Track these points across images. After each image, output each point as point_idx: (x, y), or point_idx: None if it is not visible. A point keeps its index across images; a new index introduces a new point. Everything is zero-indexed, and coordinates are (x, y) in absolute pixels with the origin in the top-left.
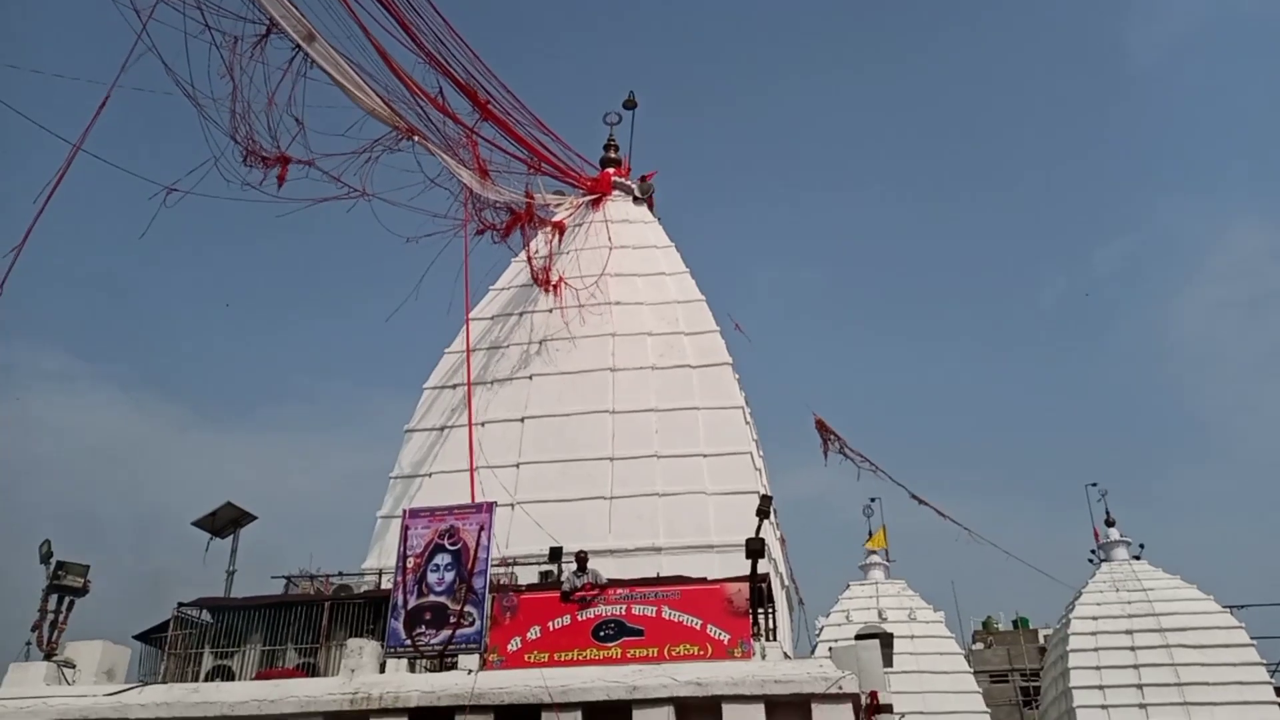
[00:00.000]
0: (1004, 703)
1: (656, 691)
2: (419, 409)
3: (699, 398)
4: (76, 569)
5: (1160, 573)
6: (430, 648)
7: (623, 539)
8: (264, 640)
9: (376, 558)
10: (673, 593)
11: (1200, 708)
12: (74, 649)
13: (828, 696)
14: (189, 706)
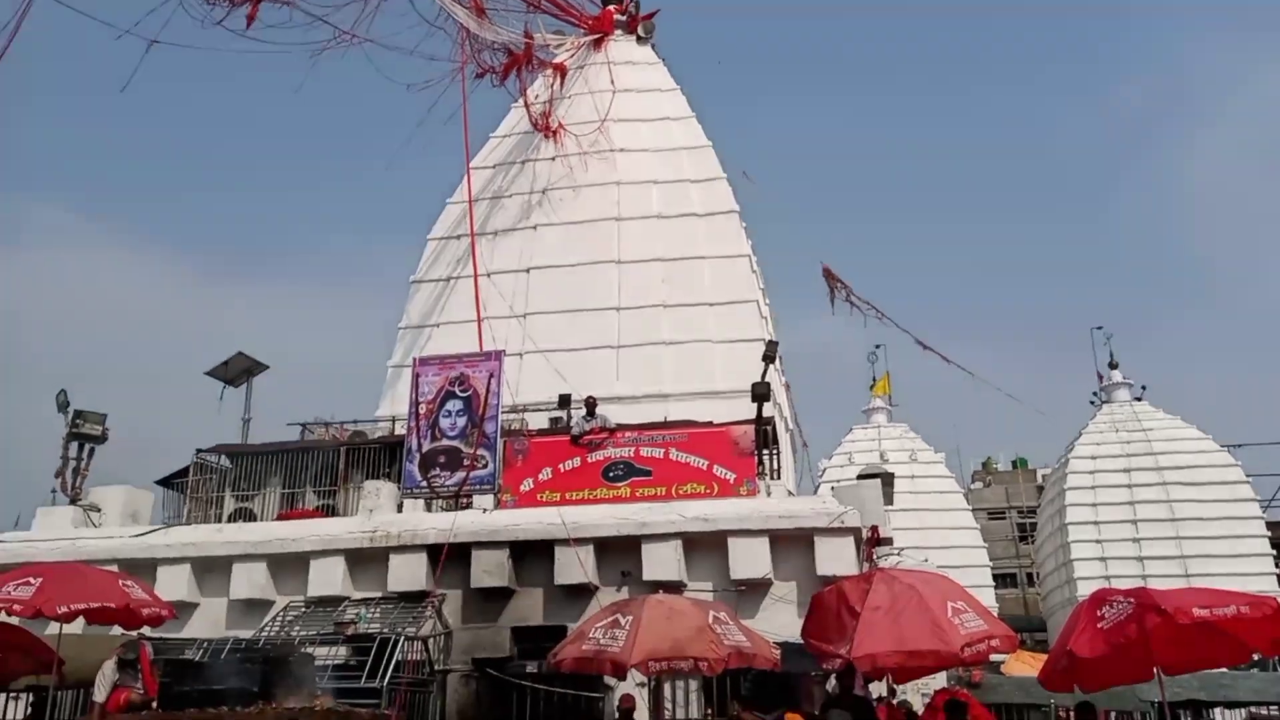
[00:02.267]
0: (1001, 538)
1: (665, 527)
2: (424, 260)
3: (705, 247)
4: (94, 417)
5: (1160, 413)
6: (445, 488)
7: (631, 386)
8: (283, 484)
9: (389, 406)
10: (680, 435)
11: (1193, 541)
12: (98, 494)
13: (830, 530)
14: (214, 546)
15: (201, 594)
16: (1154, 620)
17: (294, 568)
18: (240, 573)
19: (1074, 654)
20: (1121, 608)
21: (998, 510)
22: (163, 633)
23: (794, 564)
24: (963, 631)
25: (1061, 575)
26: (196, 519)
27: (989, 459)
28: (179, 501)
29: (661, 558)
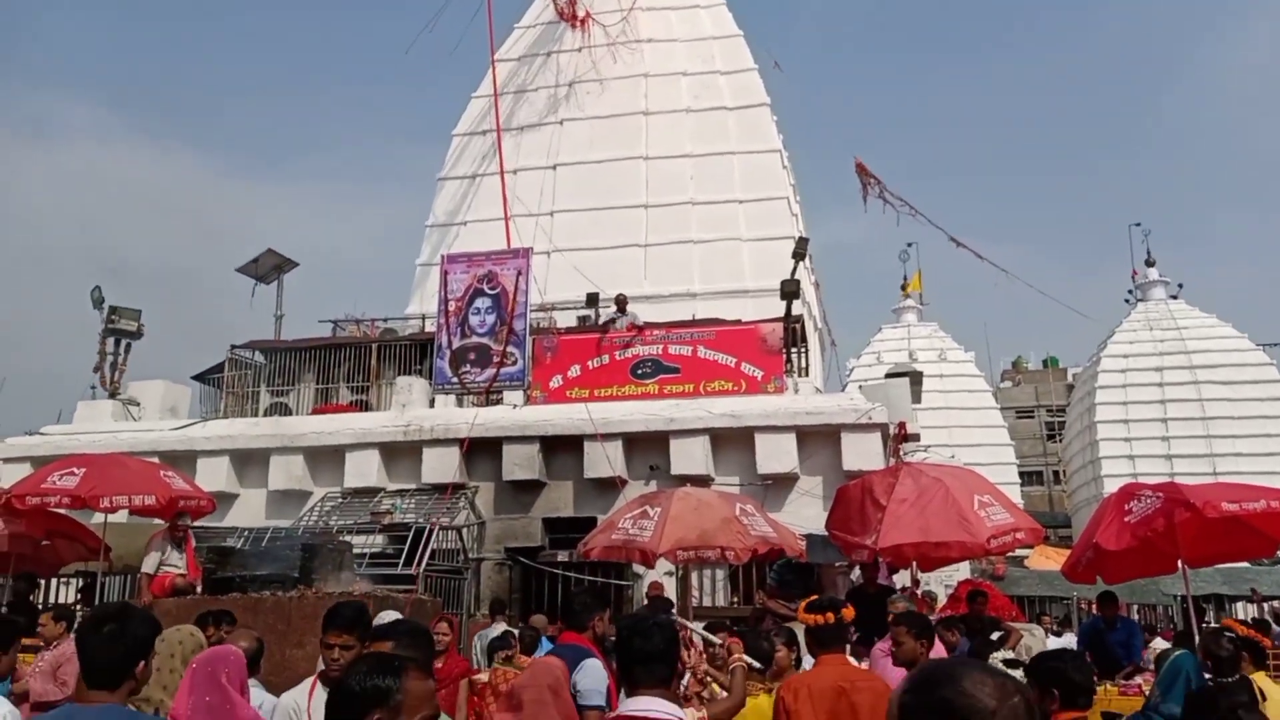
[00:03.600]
0: (1029, 437)
1: (692, 423)
2: (450, 157)
3: (735, 142)
4: (129, 313)
5: (1196, 311)
6: (476, 384)
7: (658, 285)
8: (317, 379)
9: (418, 303)
10: (708, 333)
11: (1223, 440)
12: (137, 388)
13: (857, 426)
14: (251, 439)
15: (241, 485)
16: (1182, 515)
17: (330, 460)
18: (278, 465)
19: (1099, 546)
20: (1149, 501)
21: (1026, 409)
22: (204, 522)
23: (820, 459)
24: (989, 524)
25: (1088, 473)
26: (233, 413)
27: (1019, 358)
28: (215, 396)
29: (689, 452)
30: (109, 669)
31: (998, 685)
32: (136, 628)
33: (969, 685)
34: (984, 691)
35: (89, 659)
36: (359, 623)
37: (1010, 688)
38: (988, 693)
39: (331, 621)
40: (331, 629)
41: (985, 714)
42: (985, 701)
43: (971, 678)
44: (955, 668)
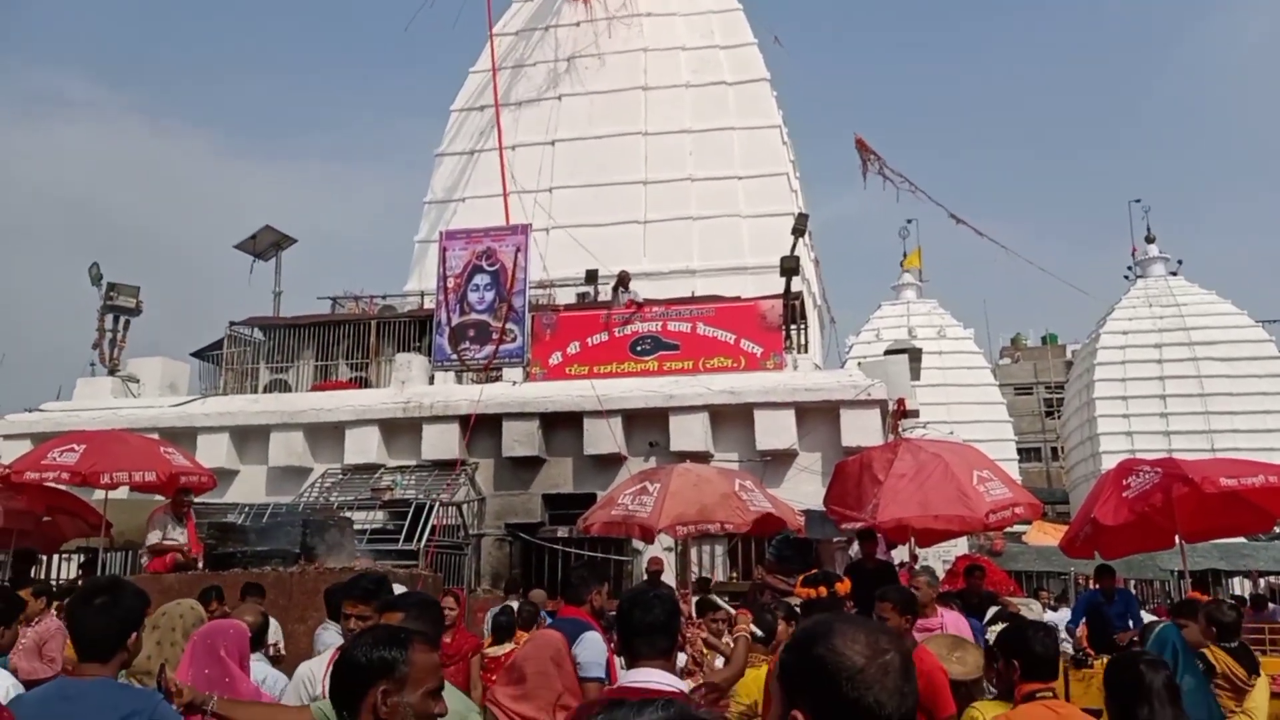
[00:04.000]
0: (1027, 413)
1: (692, 399)
2: (448, 132)
3: (735, 117)
4: (128, 289)
5: (1195, 288)
6: (476, 361)
7: (657, 262)
8: (316, 356)
9: (417, 280)
10: (707, 309)
11: (1221, 416)
12: (136, 365)
13: (856, 403)
14: (251, 415)
15: (241, 462)
16: (1180, 490)
17: (330, 437)
18: (278, 441)
19: (1097, 521)
20: (1148, 477)
21: (1025, 386)
22: (205, 499)
23: (819, 435)
24: (988, 499)
25: (1086, 449)
26: (233, 390)
27: (1018, 335)
28: (215, 373)
29: (688, 429)
30: (101, 641)
31: (869, 643)
32: (127, 600)
33: (840, 643)
34: (854, 649)
35: (81, 632)
36: (377, 594)
37: (883, 645)
38: (858, 650)
39: (349, 592)
40: (349, 599)
41: (853, 672)
42: (854, 660)
43: (845, 635)
44: (832, 625)
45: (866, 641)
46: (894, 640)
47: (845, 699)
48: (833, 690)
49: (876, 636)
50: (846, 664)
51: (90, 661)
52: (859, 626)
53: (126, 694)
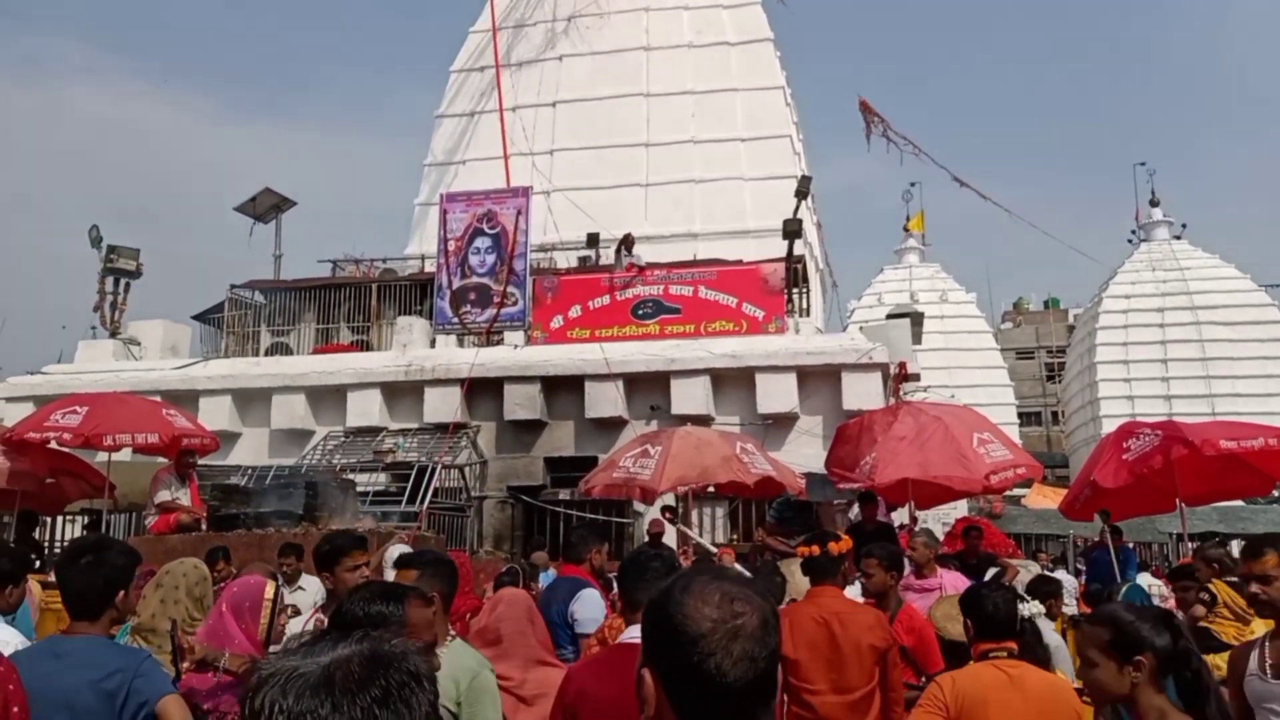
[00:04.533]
0: (1028, 378)
1: (693, 363)
2: (447, 93)
3: (738, 78)
4: (128, 252)
5: (1199, 252)
6: (477, 324)
7: (659, 225)
8: (317, 319)
9: (418, 244)
10: (709, 273)
11: (1222, 381)
12: (136, 328)
13: (857, 366)
14: (252, 378)
15: (243, 424)
16: (1180, 452)
17: (332, 399)
18: (280, 404)
19: (1097, 484)
20: (1148, 439)
21: (1027, 350)
22: (207, 461)
23: (821, 399)
24: (987, 460)
25: (1087, 413)
26: (234, 353)
27: (1020, 299)
28: (216, 336)
29: (690, 392)
30: (88, 599)
31: (721, 605)
32: (114, 558)
33: (691, 604)
34: (701, 613)
35: (69, 591)
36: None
37: (736, 609)
38: (705, 614)
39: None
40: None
41: (695, 636)
42: (698, 625)
43: (698, 596)
44: (690, 584)
45: (718, 603)
46: (754, 603)
47: (686, 663)
48: (676, 652)
49: (732, 599)
50: (691, 628)
51: (79, 619)
52: (717, 587)
53: (113, 651)
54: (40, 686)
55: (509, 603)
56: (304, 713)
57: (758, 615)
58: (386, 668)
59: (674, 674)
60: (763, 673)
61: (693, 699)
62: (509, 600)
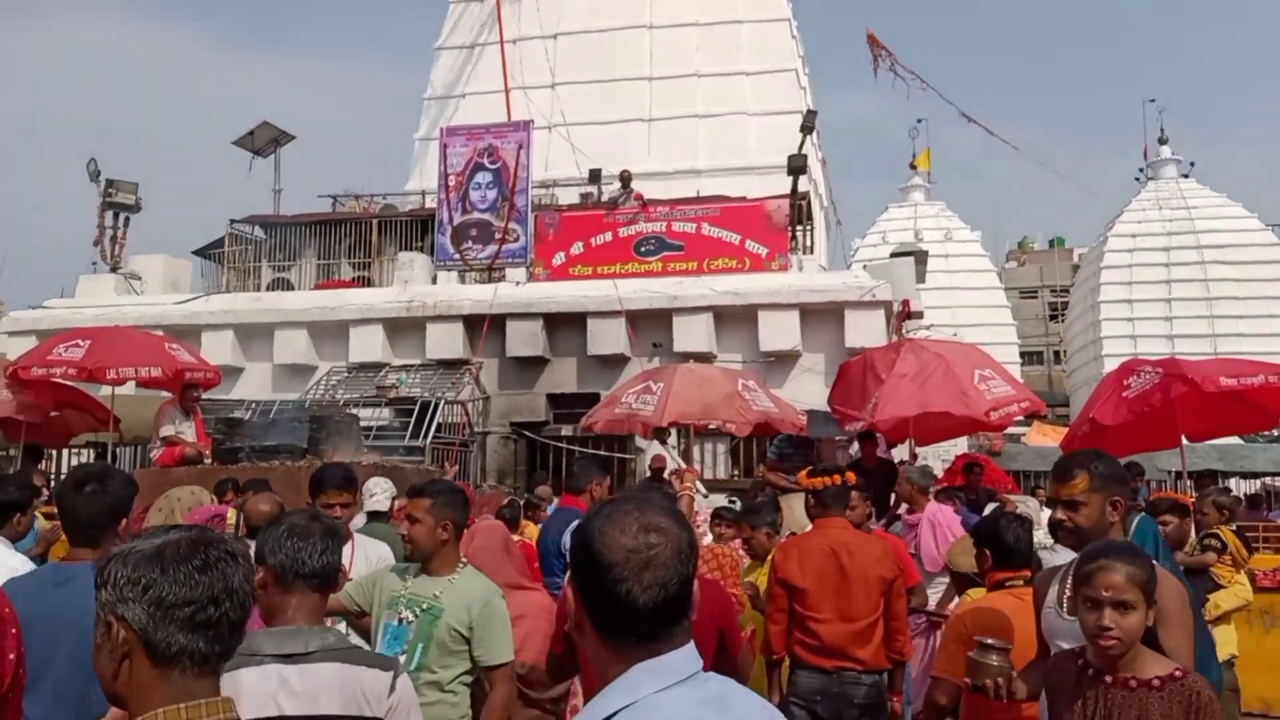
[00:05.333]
0: (1031, 317)
1: (696, 301)
2: (446, 24)
3: (743, 10)
4: (127, 186)
5: (1207, 191)
6: (478, 261)
7: (662, 161)
8: (318, 255)
9: (418, 179)
10: (712, 210)
11: (1226, 320)
12: (137, 262)
13: (860, 304)
14: (254, 313)
15: (245, 359)
16: (1180, 389)
17: (334, 335)
18: (282, 339)
19: (1097, 421)
20: (1148, 377)
21: (1030, 290)
22: (210, 395)
23: (823, 336)
24: (988, 396)
25: (1089, 353)
26: (236, 288)
27: (1025, 238)
28: (217, 271)
29: (692, 330)
30: (90, 527)
31: (636, 535)
32: (116, 487)
33: (610, 530)
34: (617, 542)
35: (71, 518)
36: (355, 482)
37: (650, 540)
38: (621, 543)
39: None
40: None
41: (610, 562)
42: (613, 553)
43: (617, 526)
44: (613, 511)
45: (635, 531)
46: (670, 533)
47: (601, 586)
48: (593, 576)
49: (649, 529)
50: (606, 555)
51: (81, 546)
52: (637, 518)
53: None
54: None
55: (484, 533)
56: (139, 577)
57: (672, 545)
58: (207, 546)
59: (591, 594)
60: (673, 597)
61: (607, 617)
62: (484, 531)
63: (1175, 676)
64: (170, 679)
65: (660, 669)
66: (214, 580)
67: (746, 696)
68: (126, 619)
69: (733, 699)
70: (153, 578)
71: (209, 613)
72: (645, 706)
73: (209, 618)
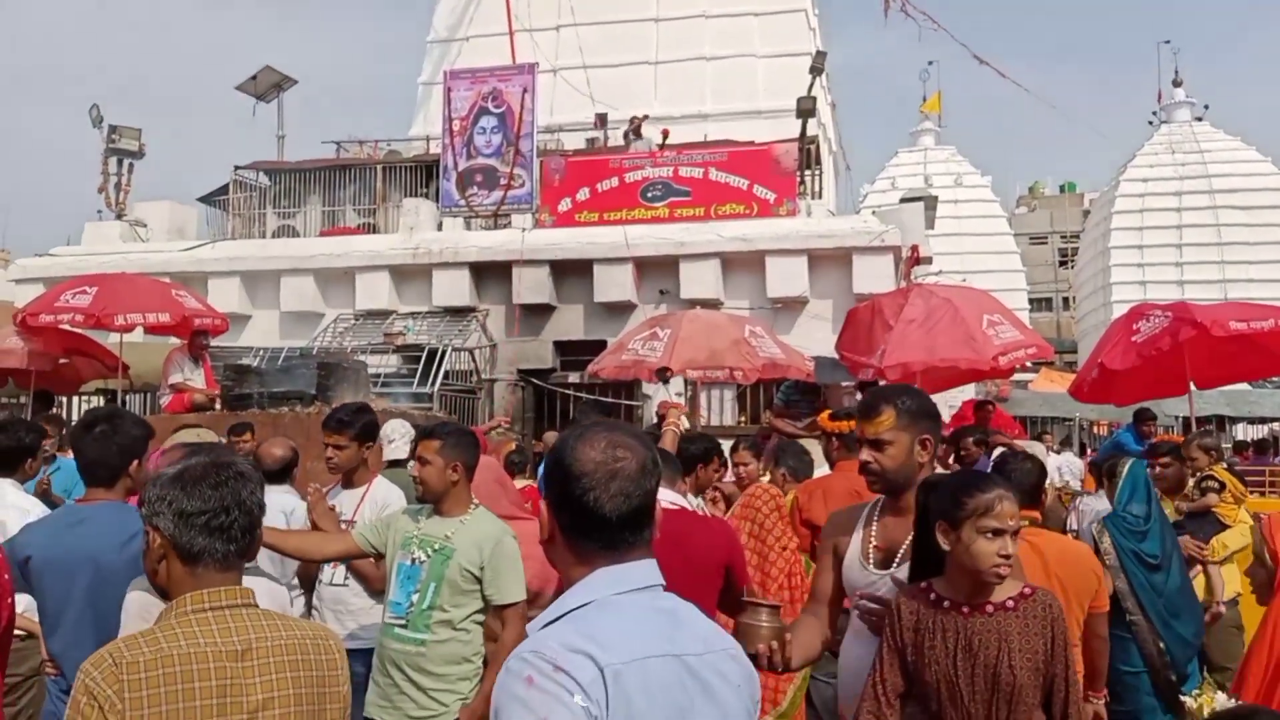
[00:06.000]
0: (1041, 263)
1: (703, 247)
2: None
3: None
4: (130, 132)
5: (1220, 134)
6: (484, 207)
7: (669, 105)
8: (323, 202)
9: (422, 125)
10: (720, 154)
11: (1237, 266)
12: (142, 209)
13: (869, 249)
14: (261, 260)
15: (253, 306)
16: (1189, 333)
17: (340, 282)
18: (289, 286)
19: (1105, 366)
20: (1158, 321)
21: (1040, 235)
22: (218, 342)
23: (831, 282)
24: (996, 342)
25: (1098, 298)
26: (241, 235)
27: (1036, 183)
28: (222, 218)
29: (699, 276)
30: (103, 467)
31: (605, 448)
32: (128, 428)
33: (580, 447)
34: (587, 456)
35: (84, 460)
36: (351, 424)
37: (617, 454)
38: (590, 456)
39: (325, 424)
40: (325, 430)
41: (579, 474)
42: (583, 464)
43: (588, 440)
44: (584, 431)
45: (604, 447)
46: (636, 450)
47: (571, 496)
48: (564, 487)
49: (616, 445)
50: (576, 467)
51: (95, 487)
52: (605, 434)
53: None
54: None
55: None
56: (164, 495)
57: (637, 460)
58: (221, 468)
59: (562, 505)
60: (636, 508)
61: (575, 525)
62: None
63: (1025, 594)
64: (197, 574)
65: (620, 576)
66: (224, 495)
67: (699, 616)
68: (160, 528)
69: (685, 614)
70: (175, 494)
71: (221, 520)
72: (603, 605)
73: (222, 524)
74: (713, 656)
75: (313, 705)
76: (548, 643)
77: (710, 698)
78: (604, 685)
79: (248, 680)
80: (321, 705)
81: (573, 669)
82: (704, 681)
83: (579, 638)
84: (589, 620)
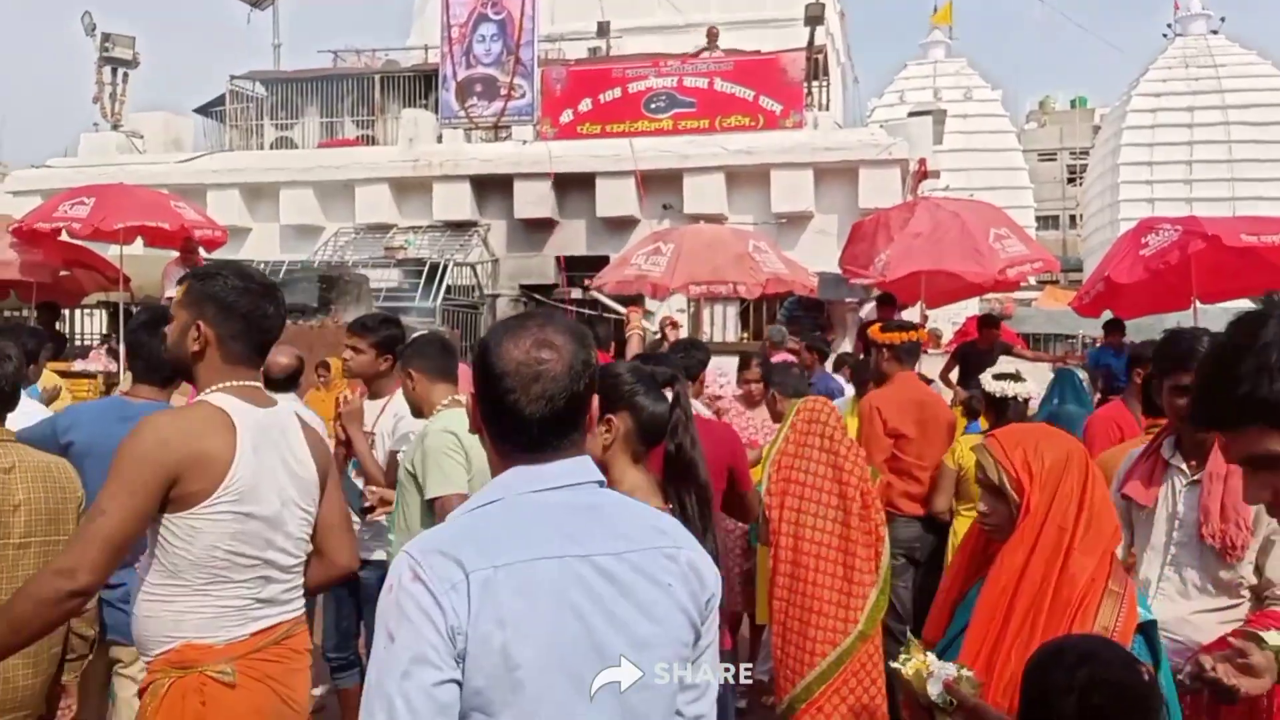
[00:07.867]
0: (1049, 180)
1: (707, 160)
2: None
3: None
4: (123, 40)
5: (1236, 48)
6: (484, 118)
7: (672, 14)
8: (321, 113)
9: (419, 34)
10: (725, 64)
11: (1247, 184)
12: (137, 120)
13: (876, 163)
14: (259, 172)
15: (253, 219)
16: (1198, 245)
17: (340, 195)
18: (288, 199)
19: (1111, 280)
20: (1167, 234)
21: (1049, 152)
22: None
23: (837, 197)
24: (1003, 255)
25: (1106, 216)
26: (239, 147)
27: (1047, 98)
28: (219, 130)
29: (703, 190)
30: (158, 367)
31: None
32: None
33: (507, 344)
34: (510, 355)
35: (138, 356)
36: (373, 331)
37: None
38: (513, 356)
39: (349, 326)
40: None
41: (501, 373)
42: (504, 364)
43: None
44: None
45: (529, 346)
46: (563, 351)
47: (492, 394)
48: (487, 385)
49: (544, 343)
50: (498, 365)
51: (144, 384)
52: (534, 333)
53: None
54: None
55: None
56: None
57: (564, 361)
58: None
59: (485, 401)
60: (559, 410)
61: (497, 425)
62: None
63: None
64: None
65: (536, 475)
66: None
67: (629, 509)
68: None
69: (610, 509)
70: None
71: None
72: (510, 503)
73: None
74: (637, 555)
75: (56, 505)
76: (423, 545)
77: (628, 597)
78: (467, 593)
79: (11, 487)
80: (64, 505)
81: (430, 578)
82: (620, 581)
83: (456, 540)
84: (484, 519)
